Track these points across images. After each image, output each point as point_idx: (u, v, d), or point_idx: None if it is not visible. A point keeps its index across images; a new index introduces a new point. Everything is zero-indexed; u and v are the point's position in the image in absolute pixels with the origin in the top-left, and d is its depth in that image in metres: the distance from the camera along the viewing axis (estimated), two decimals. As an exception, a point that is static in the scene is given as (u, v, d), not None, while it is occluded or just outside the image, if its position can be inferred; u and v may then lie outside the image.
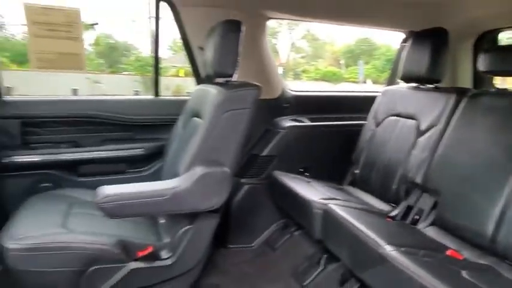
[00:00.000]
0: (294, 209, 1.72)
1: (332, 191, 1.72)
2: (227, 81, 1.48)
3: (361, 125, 1.94)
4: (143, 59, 12.28)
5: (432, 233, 1.38)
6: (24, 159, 1.68)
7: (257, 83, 1.42)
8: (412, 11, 1.90)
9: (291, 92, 2.20)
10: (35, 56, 1.72)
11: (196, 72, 1.97)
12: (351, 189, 1.91)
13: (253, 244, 1.98)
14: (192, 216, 1.36)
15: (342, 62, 18.77)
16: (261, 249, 1.94)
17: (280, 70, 13.34)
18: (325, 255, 1.59)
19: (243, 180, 1.96)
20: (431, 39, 1.65)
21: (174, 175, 1.35)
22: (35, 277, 1.19)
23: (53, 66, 1.76)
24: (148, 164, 1.89)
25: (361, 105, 2.00)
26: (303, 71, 17.75)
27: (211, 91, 1.43)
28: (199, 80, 1.95)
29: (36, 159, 1.69)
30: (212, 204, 1.29)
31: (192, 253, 1.38)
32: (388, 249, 1.09)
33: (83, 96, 2.07)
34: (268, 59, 2.05)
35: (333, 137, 2.05)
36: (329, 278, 1.53)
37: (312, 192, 1.62)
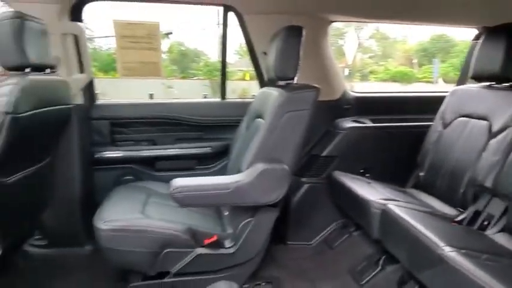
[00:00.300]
0: (353, 208, 1.74)
1: (393, 193, 1.70)
2: (288, 83, 1.57)
3: (426, 127, 1.88)
4: (211, 64, 12.90)
5: (502, 239, 1.31)
6: (112, 155, 1.95)
7: (317, 85, 1.49)
8: (485, 6, 1.79)
9: (353, 93, 2.21)
10: (122, 65, 1.99)
11: (260, 76, 2.08)
12: (415, 192, 1.85)
13: (311, 242, 2.02)
14: (253, 210, 1.47)
15: (415, 61, 17.67)
16: (320, 248, 1.98)
17: (346, 71, 13.03)
18: (384, 256, 1.58)
19: (303, 179, 2.02)
20: (506, 35, 1.55)
21: (238, 171, 1.47)
22: (119, 255, 1.39)
23: (136, 73, 2.01)
24: (215, 161, 2.05)
25: (427, 106, 1.94)
26: (371, 72, 17.08)
27: (273, 93, 1.52)
28: (263, 83, 2.06)
29: (121, 155, 1.95)
30: (271, 198, 1.38)
31: (252, 244, 1.48)
32: (447, 250, 1.07)
33: (160, 99, 2.32)
34: (329, 61, 2.09)
35: (396, 138, 2.02)
36: (387, 278, 1.53)
37: (371, 192, 1.62)
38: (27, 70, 1.36)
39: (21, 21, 1.30)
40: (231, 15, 1.95)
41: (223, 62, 2.13)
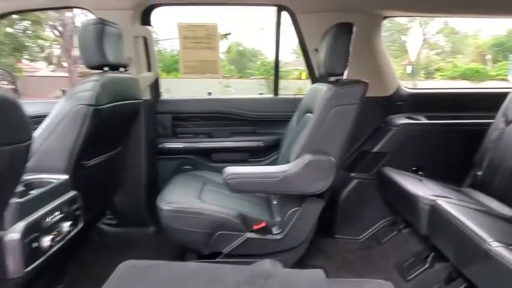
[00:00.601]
0: (402, 204, 1.74)
1: (446, 191, 1.67)
2: (338, 79, 1.62)
3: (485, 124, 1.81)
4: (268, 63, 13.09)
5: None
6: (173, 146, 2.15)
7: (365, 80, 1.52)
8: None
9: (407, 89, 2.18)
10: (184, 64, 2.18)
11: (311, 73, 2.15)
12: (471, 191, 1.79)
13: (359, 237, 2.05)
14: (300, 200, 1.55)
15: (488, 57, 16.23)
16: (367, 243, 1.99)
17: (408, 69, 12.40)
18: (433, 253, 1.57)
19: (352, 175, 2.05)
20: None
21: (287, 163, 1.56)
22: (178, 234, 1.56)
23: (195, 72, 2.20)
24: (267, 154, 2.16)
25: (487, 102, 1.86)
26: (437, 69, 16.04)
27: (322, 89, 1.59)
28: (314, 80, 2.12)
29: (181, 146, 2.15)
30: (317, 188, 1.45)
31: (298, 232, 1.57)
32: (494, 245, 1.06)
33: (217, 96, 2.51)
34: (382, 57, 2.09)
35: (452, 136, 1.96)
36: (435, 275, 1.51)
37: (422, 188, 1.61)
38: (106, 69, 1.59)
39: (102, 27, 1.53)
40: (285, 15, 2.05)
41: (276, 61, 2.24)
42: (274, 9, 2.07)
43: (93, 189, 1.71)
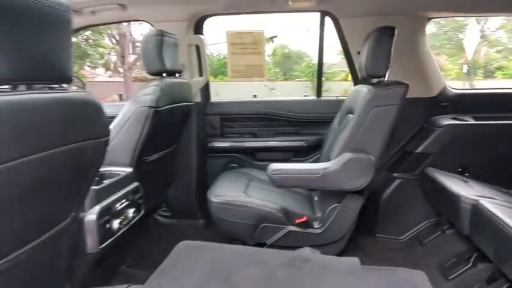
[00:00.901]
0: (444, 204, 1.75)
1: (491, 192, 1.66)
2: (379, 81, 1.69)
3: None
4: (313, 65, 13.05)
5: None
6: (221, 145, 2.32)
7: (406, 82, 1.57)
8: None
9: (453, 90, 2.16)
10: (231, 68, 2.35)
11: (354, 75, 2.22)
12: (520, 194, 1.76)
13: (401, 237, 2.07)
14: (340, 196, 1.63)
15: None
16: (409, 243, 2.01)
17: (464, 68, 11.71)
18: (476, 254, 1.57)
19: (395, 175, 2.09)
20: None
21: (328, 161, 1.65)
22: (225, 224, 1.71)
23: (242, 76, 2.36)
24: (309, 154, 2.26)
25: None
26: (498, 68, 14.95)
27: (363, 90, 1.66)
28: (357, 82, 2.19)
29: (228, 145, 2.32)
30: (356, 185, 1.53)
31: (338, 227, 1.65)
32: None
33: (262, 98, 2.64)
34: (427, 58, 2.10)
35: (501, 137, 1.92)
36: (476, 275, 1.52)
37: (465, 188, 1.62)
38: (164, 75, 1.79)
39: (161, 38, 1.73)
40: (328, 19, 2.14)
41: (320, 64, 2.33)
42: (318, 14, 2.17)
43: (151, 183, 1.92)
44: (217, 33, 2.97)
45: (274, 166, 1.62)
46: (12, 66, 0.74)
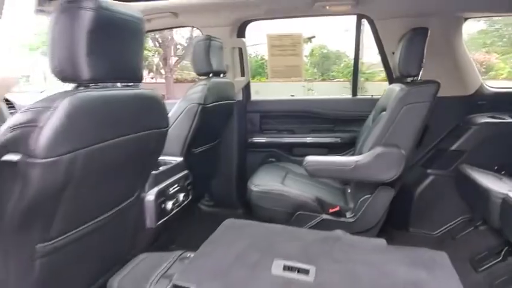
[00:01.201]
0: (476, 199, 1.81)
1: (525, 188, 1.70)
2: (412, 80, 1.79)
3: None
4: (352, 65, 12.88)
5: None
6: (260, 140, 2.50)
7: (437, 80, 1.66)
8: None
9: (490, 88, 2.19)
10: (271, 69, 2.53)
11: (389, 75, 2.31)
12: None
13: (434, 232, 2.13)
14: (372, 188, 1.75)
15: None
16: (442, 238, 2.07)
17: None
18: (507, 248, 1.62)
19: (429, 171, 2.15)
20: None
21: None
22: (264, 212, 1.88)
23: (282, 76, 2.52)
24: (343, 150, 2.38)
25: None
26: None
27: (396, 88, 1.77)
28: (391, 81, 2.28)
29: (267, 141, 2.49)
30: (386, 177, 1.64)
31: (369, 217, 1.77)
32: None
33: (299, 97, 2.80)
34: (463, 57, 2.15)
35: None
36: (506, 268, 1.57)
37: (497, 184, 1.68)
38: (211, 75, 2.00)
39: (209, 42, 1.94)
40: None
41: (356, 64, 2.45)
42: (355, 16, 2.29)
43: (197, 173, 2.14)
44: (255, 35, 3.15)
45: (310, 158, 1.77)
46: (105, 69, 0.96)
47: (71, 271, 1.09)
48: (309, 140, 2.44)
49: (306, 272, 1.00)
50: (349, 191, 1.96)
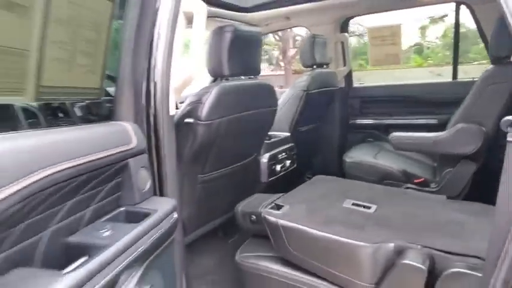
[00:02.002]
0: None
1: None
2: (507, 61, 1.94)
3: None
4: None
5: None
6: (360, 122, 2.89)
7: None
8: None
9: None
10: (372, 57, 2.88)
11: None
12: None
13: None
14: (454, 162, 2.00)
15: None
16: None
17: None
18: None
19: None
20: None
21: None
22: (359, 180, 2.30)
23: (381, 64, 2.85)
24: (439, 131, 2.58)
25: None
26: None
27: (487, 69, 1.95)
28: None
29: (366, 123, 2.86)
30: (465, 150, 1.88)
31: (451, 188, 2.02)
32: None
33: (398, 82, 2.98)
34: None
35: None
36: None
37: None
38: (315, 67, 2.50)
39: (313, 39, 2.44)
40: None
41: (456, 49, 2.60)
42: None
43: (303, 148, 2.68)
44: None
45: (396, 133, 2.12)
46: (237, 68, 1.57)
47: (217, 196, 1.76)
48: (405, 121, 2.71)
49: (369, 207, 1.44)
50: (434, 164, 2.22)
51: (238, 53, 1.56)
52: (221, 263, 1.83)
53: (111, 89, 1.09)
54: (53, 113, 1.10)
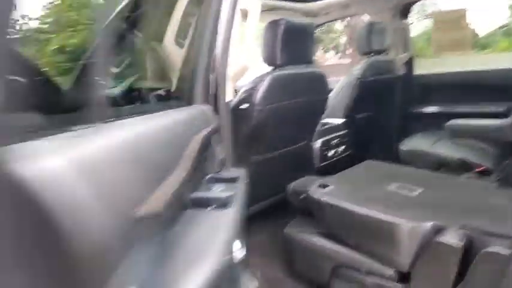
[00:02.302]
0: None
1: None
2: None
3: None
4: None
5: None
6: (421, 111, 2.83)
7: None
8: None
9: None
10: (435, 43, 2.81)
11: None
12: None
13: None
14: None
15: None
16: None
17: None
18: None
19: None
20: None
21: None
22: None
23: (446, 50, 2.77)
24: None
25: None
26: None
27: None
28: None
29: (427, 111, 2.80)
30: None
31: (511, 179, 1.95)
32: None
33: (463, 69, 2.82)
34: None
35: None
36: None
37: None
38: (372, 54, 2.53)
39: (370, 27, 2.47)
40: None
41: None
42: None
43: (359, 136, 2.71)
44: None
45: (452, 120, 2.09)
46: (290, 57, 1.71)
47: (269, 177, 1.93)
48: (471, 110, 2.61)
49: (414, 190, 1.50)
50: (498, 154, 2.15)
51: (291, 43, 1.69)
52: (270, 238, 2.01)
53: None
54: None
